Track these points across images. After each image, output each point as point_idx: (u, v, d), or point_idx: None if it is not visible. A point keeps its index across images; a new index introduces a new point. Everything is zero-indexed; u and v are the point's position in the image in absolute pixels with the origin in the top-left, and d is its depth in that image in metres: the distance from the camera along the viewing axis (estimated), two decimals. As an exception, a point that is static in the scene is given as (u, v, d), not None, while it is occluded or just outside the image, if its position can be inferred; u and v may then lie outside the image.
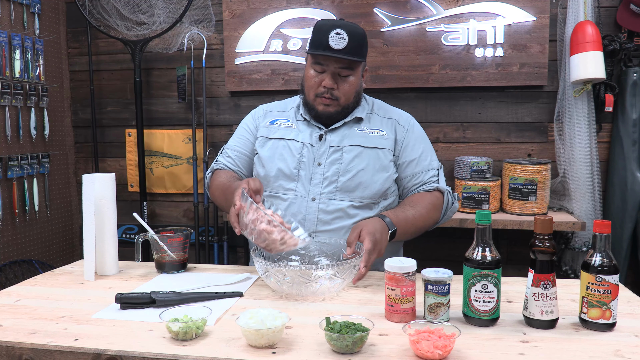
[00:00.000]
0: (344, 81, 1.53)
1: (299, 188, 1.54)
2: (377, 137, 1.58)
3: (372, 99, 1.71)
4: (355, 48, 1.49)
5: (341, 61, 1.50)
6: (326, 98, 1.54)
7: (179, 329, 1.00)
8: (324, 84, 1.53)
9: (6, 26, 2.52)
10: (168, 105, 2.96)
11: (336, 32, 1.47)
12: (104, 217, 1.45)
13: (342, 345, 0.94)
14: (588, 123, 2.48)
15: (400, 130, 1.62)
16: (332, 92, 1.53)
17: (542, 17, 2.50)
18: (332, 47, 1.47)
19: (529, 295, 1.06)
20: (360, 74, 1.58)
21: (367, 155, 1.55)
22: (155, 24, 2.74)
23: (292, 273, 1.23)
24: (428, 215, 1.53)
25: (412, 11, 2.60)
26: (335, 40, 1.47)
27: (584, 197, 2.49)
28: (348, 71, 1.52)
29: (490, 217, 1.08)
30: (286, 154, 1.58)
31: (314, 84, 1.55)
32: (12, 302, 1.25)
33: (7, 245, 2.57)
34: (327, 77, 1.52)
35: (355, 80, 1.55)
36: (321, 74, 1.54)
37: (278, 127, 1.64)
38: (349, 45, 1.47)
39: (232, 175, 1.65)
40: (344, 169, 1.54)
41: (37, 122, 2.72)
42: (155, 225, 2.79)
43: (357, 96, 1.60)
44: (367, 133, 1.59)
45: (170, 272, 1.47)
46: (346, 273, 1.26)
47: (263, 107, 1.75)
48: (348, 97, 1.56)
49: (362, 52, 1.54)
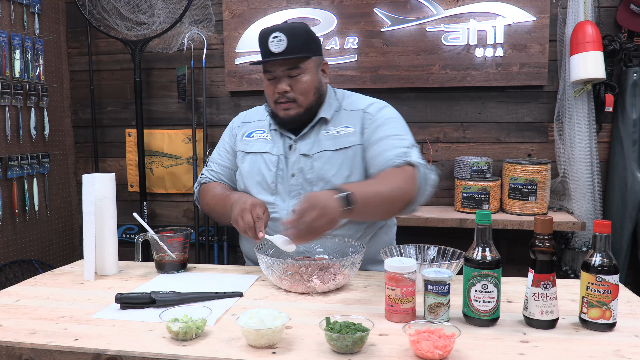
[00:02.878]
0: (296, 81, 1.51)
1: (278, 201, 1.54)
2: (344, 136, 1.54)
3: (342, 94, 1.66)
4: (297, 47, 1.47)
5: (286, 63, 1.48)
6: (283, 102, 1.52)
7: (179, 329, 1.00)
8: (277, 90, 1.51)
9: (6, 26, 2.52)
10: (168, 105, 2.96)
11: (274, 36, 1.46)
12: (104, 217, 1.45)
13: (342, 345, 0.94)
14: (588, 123, 2.48)
15: (367, 117, 1.56)
16: (287, 95, 1.51)
17: (542, 17, 2.50)
18: (273, 52, 1.46)
19: (529, 295, 1.06)
20: (315, 70, 1.54)
21: (337, 159, 1.52)
22: (155, 24, 2.74)
23: (294, 269, 1.25)
24: (397, 186, 1.36)
25: (412, 11, 2.60)
26: (275, 44, 1.46)
27: (584, 197, 2.49)
28: (297, 71, 1.50)
29: (490, 217, 1.08)
30: (263, 168, 1.58)
31: (271, 93, 1.54)
32: (12, 302, 1.25)
33: (7, 245, 2.57)
34: (279, 83, 1.51)
35: (309, 78, 1.52)
36: (273, 80, 1.52)
37: (254, 140, 1.63)
38: (290, 45, 1.46)
39: (225, 187, 1.68)
40: (316, 177, 1.52)
41: (37, 122, 2.72)
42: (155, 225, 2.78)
43: (318, 93, 1.55)
44: (335, 134, 1.55)
45: (170, 272, 1.47)
46: (347, 269, 1.27)
47: (241, 116, 1.75)
48: (306, 96, 1.52)
49: (307, 48, 1.50)
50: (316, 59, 1.54)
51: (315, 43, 1.54)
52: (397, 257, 1.34)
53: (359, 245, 1.40)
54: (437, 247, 1.36)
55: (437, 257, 1.35)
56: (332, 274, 1.26)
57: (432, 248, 1.37)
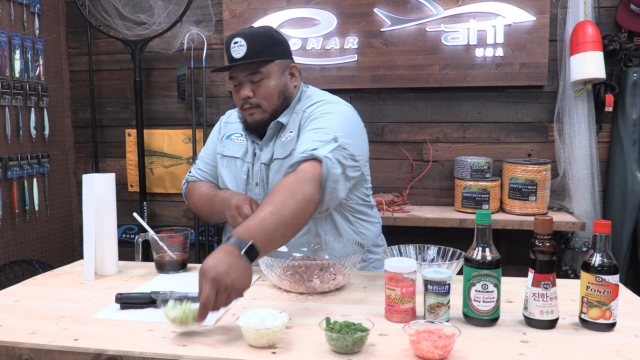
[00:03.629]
0: (258, 87, 1.48)
1: None
2: (288, 142, 1.49)
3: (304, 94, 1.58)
4: (257, 51, 1.45)
5: (247, 68, 1.47)
6: (248, 108, 1.51)
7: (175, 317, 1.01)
8: (240, 96, 1.50)
9: (6, 26, 2.52)
10: (168, 105, 2.96)
11: (235, 42, 1.45)
12: (104, 217, 1.45)
13: (342, 345, 0.94)
14: (588, 123, 2.48)
15: (304, 116, 1.50)
16: (250, 100, 1.49)
17: (542, 17, 2.50)
18: (234, 57, 1.46)
19: (529, 295, 1.06)
20: (279, 74, 1.50)
21: (284, 168, 1.47)
22: (155, 24, 2.74)
23: (294, 269, 1.24)
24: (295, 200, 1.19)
25: (412, 11, 2.60)
26: (235, 50, 1.45)
27: (584, 197, 2.48)
28: (258, 75, 1.47)
29: (490, 217, 1.08)
30: (236, 174, 1.59)
31: (237, 99, 1.53)
32: (12, 302, 1.25)
33: (7, 245, 2.57)
34: (242, 88, 1.50)
35: (272, 82, 1.49)
36: (238, 86, 1.51)
37: (231, 143, 1.63)
38: (249, 50, 1.44)
39: (212, 185, 1.68)
40: (269, 188, 1.51)
41: (37, 122, 2.72)
42: (155, 225, 2.79)
43: (283, 97, 1.52)
44: (285, 140, 1.51)
45: (170, 272, 1.47)
46: (347, 269, 1.28)
47: (226, 115, 1.75)
48: (270, 100, 1.50)
49: (269, 52, 1.47)
50: (280, 62, 1.51)
51: (279, 46, 1.51)
52: (397, 257, 1.34)
53: (359, 245, 1.41)
54: (437, 247, 1.36)
55: (437, 257, 1.35)
56: (332, 274, 1.26)
57: (432, 248, 1.37)
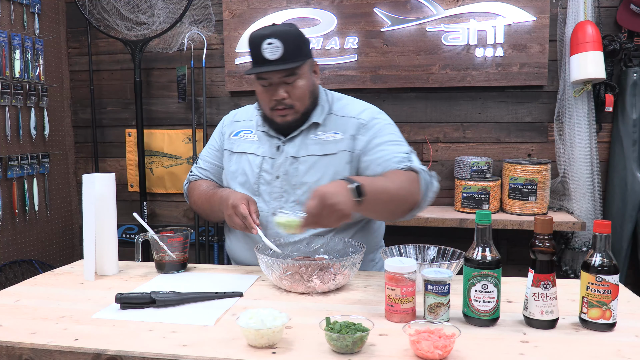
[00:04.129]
0: (293, 87, 1.47)
1: (260, 203, 1.53)
2: (332, 142, 1.52)
3: (332, 97, 1.62)
4: (292, 52, 1.43)
5: (282, 69, 1.45)
6: (281, 109, 1.49)
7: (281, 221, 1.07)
8: (274, 97, 1.48)
9: (6, 26, 2.52)
10: (168, 105, 2.96)
11: (269, 43, 1.41)
12: (104, 217, 1.45)
13: (342, 345, 0.94)
14: (588, 123, 2.48)
15: (358, 125, 1.53)
16: (284, 102, 1.48)
17: (542, 17, 2.50)
18: (268, 59, 1.42)
19: (529, 295, 1.06)
20: (308, 74, 1.51)
21: (323, 165, 1.50)
22: (155, 24, 2.74)
23: (294, 269, 1.25)
24: (403, 186, 1.35)
25: (412, 11, 2.60)
26: (270, 51, 1.41)
27: (584, 197, 2.48)
28: (293, 77, 1.46)
29: (490, 217, 1.08)
30: (247, 169, 1.57)
31: (266, 99, 1.51)
32: (12, 302, 1.25)
33: (7, 245, 2.57)
34: (275, 89, 1.48)
35: (304, 82, 1.49)
36: (268, 87, 1.49)
37: (241, 139, 1.63)
38: (285, 51, 1.41)
39: (212, 184, 1.69)
40: (300, 181, 1.51)
41: (37, 122, 2.72)
42: (155, 225, 2.78)
43: (313, 96, 1.54)
44: (323, 139, 1.52)
45: (170, 272, 1.47)
46: (347, 269, 1.28)
47: (231, 114, 1.74)
48: (303, 101, 1.50)
49: (302, 53, 1.47)
50: (309, 61, 1.52)
51: (307, 45, 1.51)
52: (397, 257, 1.34)
53: (359, 245, 1.40)
54: (437, 247, 1.36)
55: (437, 257, 1.35)
56: (332, 274, 1.26)
57: (432, 248, 1.37)
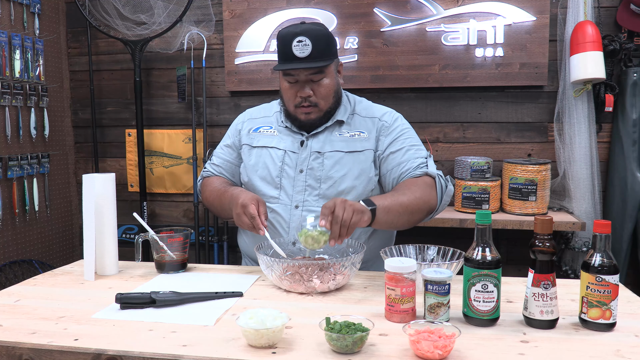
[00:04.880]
0: (319, 85, 1.51)
1: (282, 196, 1.55)
2: (358, 140, 1.56)
3: (353, 98, 1.67)
4: (321, 51, 1.46)
5: (311, 67, 1.47)
6: (305, 107, 1.52)
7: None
8: (300, 94, 1.51)
9: (6, 26, 2.52)
10: (168, 105, 2.96)
11: (298, 40, 1.44)
12: (104, 217, 1.45)
13: (342, 345, 0.94)
14: (588, 123, 2.48)
15: (382, 126, 1.59)
16: (310, 99, 1.51)
17: (542, 17, 2.50)
18: (298, 56, 1.44)
19: (529, 295, 1.06)
20: (334, 73, 1.55)
21: (348, 161, 1.54)
22: (155, 24, 2.74)
23: (294, 269, 1.25)
24: (417, 196, 1.44)
25: (412, 11, 2.60)
26: (299, 49, 1.44)
27: (584, 197, 2.48)
28: (320, 75, 1.50)
29: (490, 217, 1.08)
30: (269, 162, 1.58)
31: (291, 96, 1.53)
32: (12, 302, 1.25)
33: (7, 245, 2.57)
34: (301, 87, 1.50)
35: (330, 81, 1.52)
36: (294, 84, 1.51)
37: (261, 135, 1.64)
38: (315, 49, 1.44)
39: (225, 181, 1.70)
40: (325, 175, 1.53)
41: (37, 122, 2.72)
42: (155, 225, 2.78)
43: (337, 95, 1.58)
44: (348, 137, 1.57)
45: (170, 272, 1.47)
46: (347, 269, 1.28)
47: (247, 112, 1.75)
48: (327, 99, 1.54)
49: (330, 52, 1.50)
50: (335, 61, 1.55)
51: (334, 45, 1.54)
52: (397, 257, 1.34)
53: (359, 245, 1.41)
54: (437, 247, 1.36)
55: (437, 257, 1.35)
56: (332, 274, 1.26)
57: (432, 248, 1.37)
